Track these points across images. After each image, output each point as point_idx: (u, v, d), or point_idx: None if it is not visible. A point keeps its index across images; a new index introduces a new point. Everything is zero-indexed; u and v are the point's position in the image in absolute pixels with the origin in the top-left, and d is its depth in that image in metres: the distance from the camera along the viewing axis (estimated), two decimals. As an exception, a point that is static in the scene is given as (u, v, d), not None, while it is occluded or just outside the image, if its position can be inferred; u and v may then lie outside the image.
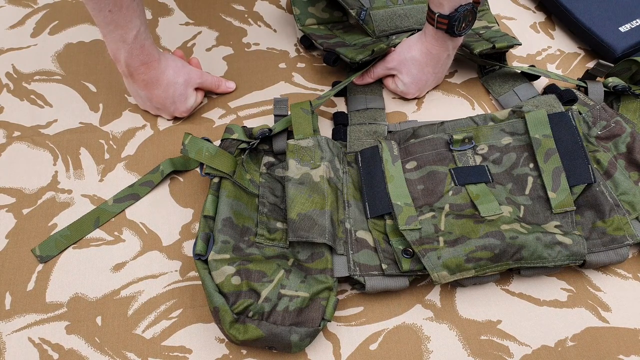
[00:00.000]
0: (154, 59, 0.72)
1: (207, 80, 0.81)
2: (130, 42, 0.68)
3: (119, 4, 0.65)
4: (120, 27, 0.67)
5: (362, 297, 0.67)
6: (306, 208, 0.66)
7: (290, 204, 0.66)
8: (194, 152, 0.68)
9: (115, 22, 0.66)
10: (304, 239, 0.64)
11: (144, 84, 0.74)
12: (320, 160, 0.69)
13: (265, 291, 0.61)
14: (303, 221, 0.65)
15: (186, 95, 0.78)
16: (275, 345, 0.60)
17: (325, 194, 0.67)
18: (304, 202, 0.66)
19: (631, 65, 0.78)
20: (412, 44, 0.79)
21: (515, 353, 0.63)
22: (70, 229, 0.71)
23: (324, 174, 0.68)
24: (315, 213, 0.65)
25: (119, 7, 0.65)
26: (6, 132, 0.80)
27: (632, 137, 0.73)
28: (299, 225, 0.65)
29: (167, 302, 0.67)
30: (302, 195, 0.67)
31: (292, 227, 0.65)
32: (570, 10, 0.89)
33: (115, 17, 0.65)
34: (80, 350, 0.63)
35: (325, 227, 0.65)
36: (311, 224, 0.65)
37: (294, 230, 0.65)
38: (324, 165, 0.69)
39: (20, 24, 0.92)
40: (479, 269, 0.63)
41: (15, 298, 0.67)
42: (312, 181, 0.68)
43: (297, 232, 0.64)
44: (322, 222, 0.65)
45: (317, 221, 0.65)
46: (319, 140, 0.71)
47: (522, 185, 0.71)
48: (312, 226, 0.64)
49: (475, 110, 0.83)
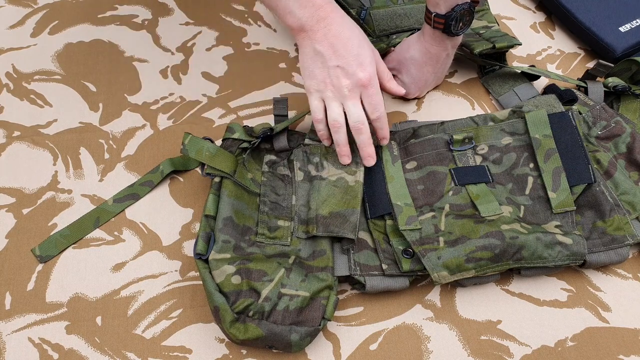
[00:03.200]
0: None
1: (382, 65, 0.70)
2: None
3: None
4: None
5: (362, 297, 0.67)
6: (338, 207, 0.67)
7: (322, 202, 0.67)
8: (194, 151, 0.68)
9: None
10: (335, 234, 0.65)
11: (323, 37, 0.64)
12: (356, 165, 0.70)
13: (266, 290, 0.61)
14: (335, 218, 0.66)
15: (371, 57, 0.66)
16: (275, 345, 0.60)
17: (358, 196, 0.68)
18: (336, 203, 0.67)
19: (631, 65, 0.78)
20: (411, 44, 0.79)
21: (515, 353, 0.63)
22: (70, 228, 0.71)
23: (361, 179, 0.69)
24: (348, 212, 0.66)
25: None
26: (6, 132, 0.80)
27: (632, 137, 0.73)
28: (330, 221, 0.66)
29: (167, 302, 0.67)
30: (335, 197, 0.68)
31: (323, 222, 0.66)
32: (570, 10, 0.89)
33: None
34: (80, 350, 0.63)
35: (356, 224, 0.65)
36: (343, 221, 0.66)
37: (325, 225, 0.65)
38: (360, 171, 0.69)
39: (20, 24, 0.92)
40: (479, 269, 0.63)
41: (15, 298, 0.66)
42: (347, 185, 0.69)
43: (328, 227, 0.65)
44: (354, 219, 0.66)
45: (348, 218, 0.66)
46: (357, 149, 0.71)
47: (522, 185, 0.71)
48: (343, 222, 0.65)
49: (475, 110, 0.83)
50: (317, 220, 0.66)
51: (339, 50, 0.63)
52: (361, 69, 0.64)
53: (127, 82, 0.86)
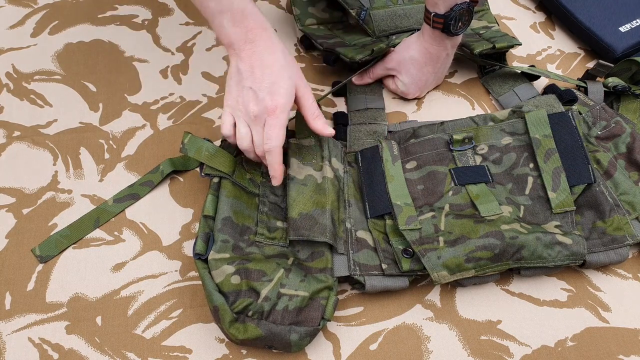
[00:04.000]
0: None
1: (309, 101, 0.66)
2: None
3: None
4: None
5: (362, 297, 0.67)
6: (308, 208, 0.66)
7: (292, 203, 0.66)
8: (193, 151, 0.68)
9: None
10: (305, 238, 0.64)
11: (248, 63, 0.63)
12: (322, 159, 0.69)
13: (265, 290, 0.61)
14: (304, 220, 0.65)
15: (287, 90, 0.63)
16: (274, 345, 0.60)
17: (327, 193, 0.67)
18: (305, 202, 0.66)
19: (631, 65, 0.78)
20: (411, 44, 0.79)
21: (515, 353, 0.63)
22: (70, 228, 0.71)
23: (328, 175, 0.68)
24: (317, 212, 0.65)
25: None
26: (6, 132, 0.80)
27: (632, 137, 0.73)
28: (300, 224, 0.65)
29: (167, 302, 0.67)
30: (304, 196, 0.67)
31: (293, 226, 0.65)
32: (570, 10, 0.89)
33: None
34: (80, 350, 0.63)
35: (327, 226, 0.65)
36: (312, 223, 0.65)
37: (295, 228, 0.65)
38: (327, 165, 0.69)
39: (20, 24, 0.92)
40: (479, 268, 0.63)
41: (15, 298, 0.67)
42: (315, 182, 0.68)
43: (298, 231, 0.64)
44: (323, 221, 0.65)
45: (318, 220, 0.65)
46: (321, 139, 0.71)
47: (522, 185, 0.71)
48: (313, 225, 0.65)
49: (475, 110, 0.83)
50: (289, 223, 0.65)
51: (255, 74, 0.62)
52: (271, 97, 0.62)
53: (127, 82, 0.86)
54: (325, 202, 0.66)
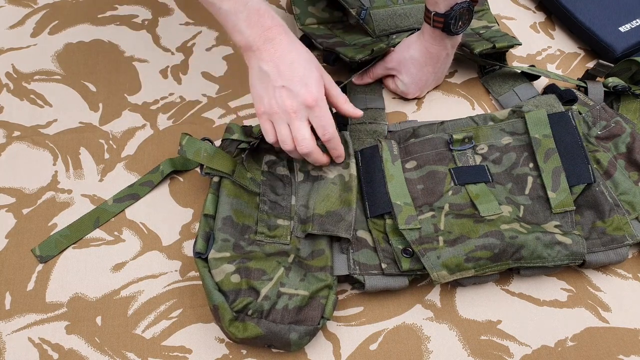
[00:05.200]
0: None
1: (335, 88, 0.67)
2: None
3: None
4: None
5: (362, 297, 0.67)
6: (336, 206, 0.67)
7: (321, 201, 0.67)
8: (192, 152, 0.68)
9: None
10: (329, 233, 0.65)
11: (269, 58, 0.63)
12: (349, 157, 0.70)
13: (265, 289, 0.61)
14: (331, 217, 0.66)
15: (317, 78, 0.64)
16: (274, 344, 0.60)
17: (353, 191, 0.67)
18: (334, 201, 0.67)
19: (631, 65, 0.78)
20: (411, 44, 0.79)
21: (515, 353, 0.63)
22: (70, 228, 0.71)
23: (353, 172, 0.69)
24: (344, 210, 0.66)
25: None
26: (6, 132, 0.80)
27: (632, 137, 0.73)
28: (325, 219, 0.66)
29: (167, 302, 0.67)
30: (334, 194, 0.68)
31: (318, 221, 0.66)
32: (570, 10, 0.89)
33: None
34: (80, 350, 0.63)
35: (351, 223, 0.65)
36: (338, 219, 0.66)
37: (320, 223, 0.65)
38: (352, 162, 0.69)
39: (20, 24, 0.92)
40: (479, 268, 0.63)
41: (15, 298, 0.67)
42: (344, 181, 0.68)
43: (323, 226, 0.65)
44: (349, 218, 0.66)
45: (344, 217, 0.66)
46: (345, 135, 0.71)
47: (522, 185, 0.71)
48: (338, 221, 0.65)
49: (475, 110, 0.83)
50: (313, 219, 0.66)
51: (283, 71, 0.62)
52: (306, 89, 0.62)
53: (127, 82, 0.86)
54: (351, 200, 0.67)
